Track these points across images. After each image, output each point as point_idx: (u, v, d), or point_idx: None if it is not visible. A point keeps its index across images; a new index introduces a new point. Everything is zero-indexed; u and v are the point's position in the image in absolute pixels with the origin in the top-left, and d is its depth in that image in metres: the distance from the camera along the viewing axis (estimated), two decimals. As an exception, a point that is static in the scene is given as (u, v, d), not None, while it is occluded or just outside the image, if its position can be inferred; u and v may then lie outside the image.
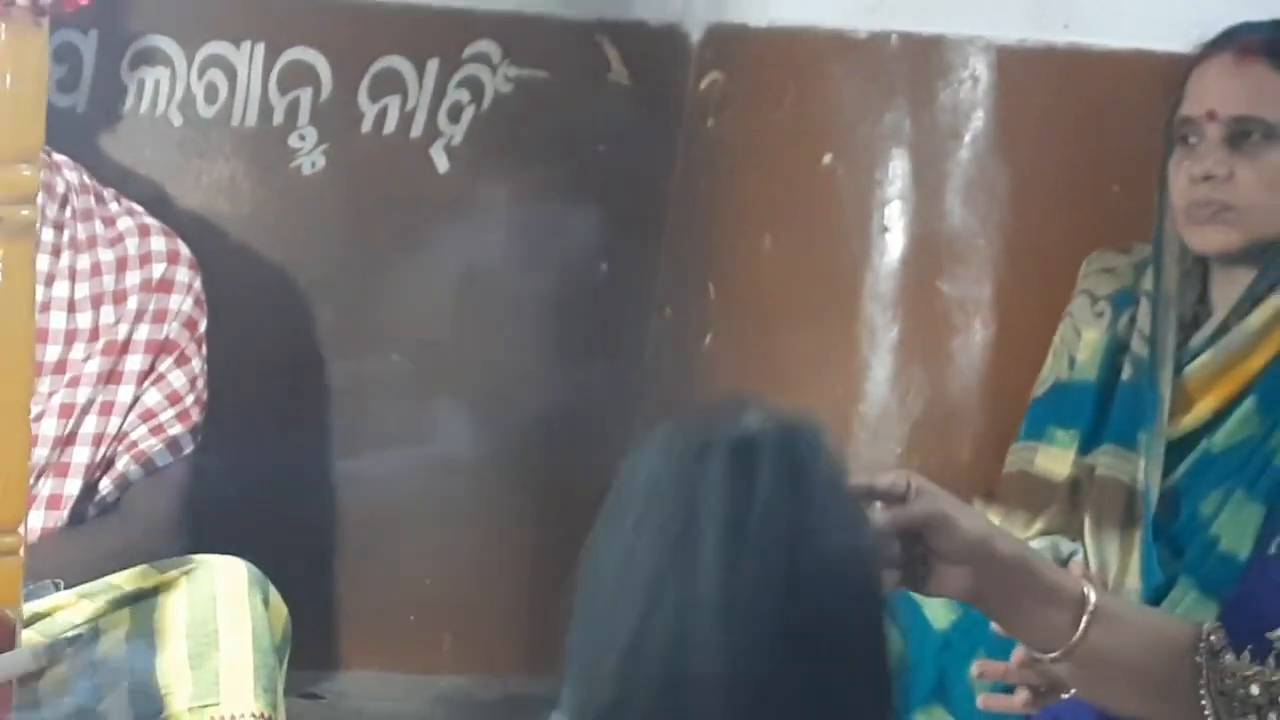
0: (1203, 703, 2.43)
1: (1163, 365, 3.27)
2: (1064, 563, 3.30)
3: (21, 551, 2.37)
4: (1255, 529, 3.17)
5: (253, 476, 3.82)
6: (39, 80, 2.31)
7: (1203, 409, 3.26)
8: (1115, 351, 3.38)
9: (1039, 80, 3.80)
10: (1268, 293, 3.22)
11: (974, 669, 3.13)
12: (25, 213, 2.31)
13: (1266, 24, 3.28)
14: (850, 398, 3.88)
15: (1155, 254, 3.33)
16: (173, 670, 3.04)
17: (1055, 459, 3.39)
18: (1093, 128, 3.62)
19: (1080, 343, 3.41)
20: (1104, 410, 3.37)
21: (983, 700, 3.12)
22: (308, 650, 3.56)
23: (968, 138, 3.84)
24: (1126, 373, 3.35)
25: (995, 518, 3.37)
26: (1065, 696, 2.75)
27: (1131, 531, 3.29)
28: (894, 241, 3.87)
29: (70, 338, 3.36)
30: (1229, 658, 2.44)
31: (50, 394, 3.33)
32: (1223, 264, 3.27)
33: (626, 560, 2.06)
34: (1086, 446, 3.37)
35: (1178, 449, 3.27)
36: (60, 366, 3.33)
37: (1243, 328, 3.24)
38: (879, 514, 2.32)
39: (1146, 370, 3.30)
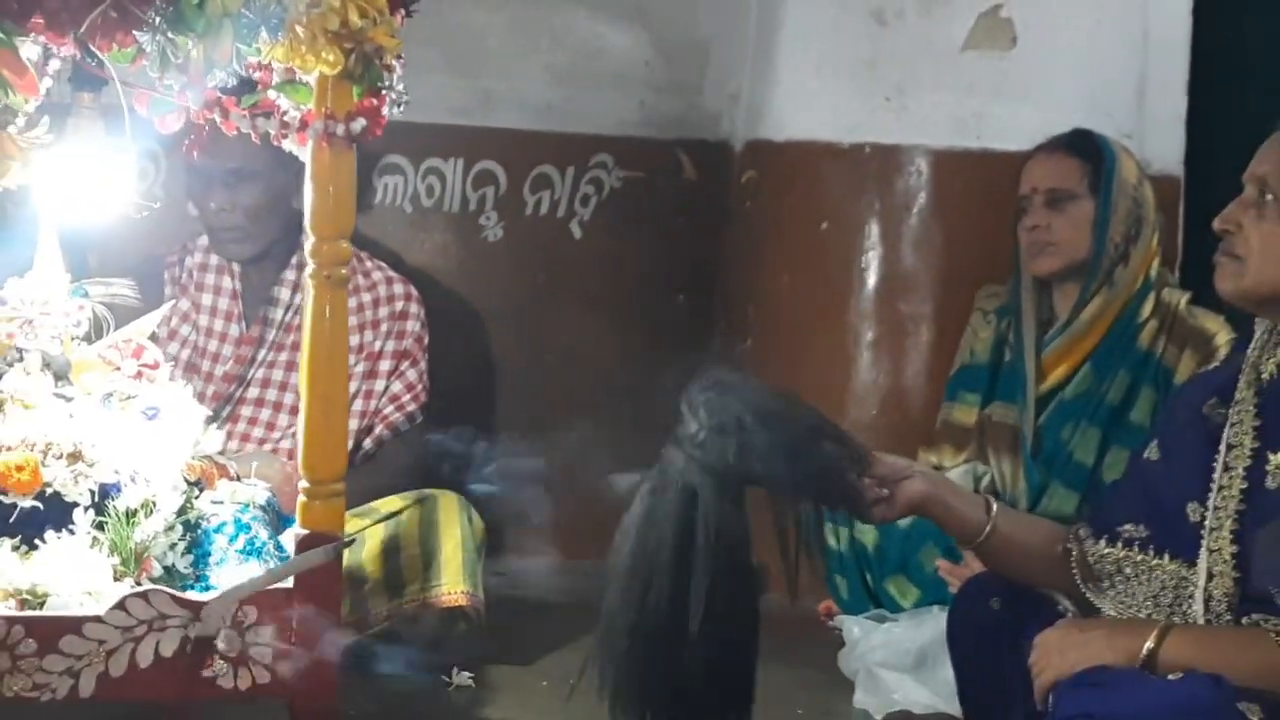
0: (1073, 571, 2.46)
1: (1027, 350, 3.30)
2: (979, 479, 3.30)
3: (344, 495, 2.36)
4: (1096, 444, 3.22)
5: (458, 439, 3.83)
6: (350, 185, 2.29)
7: (1057, 375, 3.28)
8: (1000, 344, 3.39)
9: (961, 172, 3.79)
10: (1090, 298, 3.24)
11: (939, 562, 3.17)
12: (343, 271, 2.30)
13: (1068, 131, 3.33)
14: (843, 379, 3.86)
15: (1014, 281, 3.36)
16: (411, 565, 3.06)
17: (965, 413, 3.40)
18: (995, 201, 3.59)
19: (977, 339, 3.43)
20: (994, 381, 3.39)
21: (940, 564, 3.16)
22: (496, 545, 3.60)
23: (915, 210, 3.83)
24: (1007, 356, 3.37)
25: (932, 457, 3.39)
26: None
27: (1017, 456, 3.31)
28: (870, 278, 3.86)
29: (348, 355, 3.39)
30: (1089, 543, 2.46)
31: None
32: (1058, 282, 3.30)
33: (629, 562, 2.16)
34: (984, 403, 3.38)
35: (1043, 401, 3.29)
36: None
37: (1078, 323, 3.25)
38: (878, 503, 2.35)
39: (1018, 355, 3.33)
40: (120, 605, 2.22)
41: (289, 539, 2.45)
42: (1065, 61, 3.70)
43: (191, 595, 2.30)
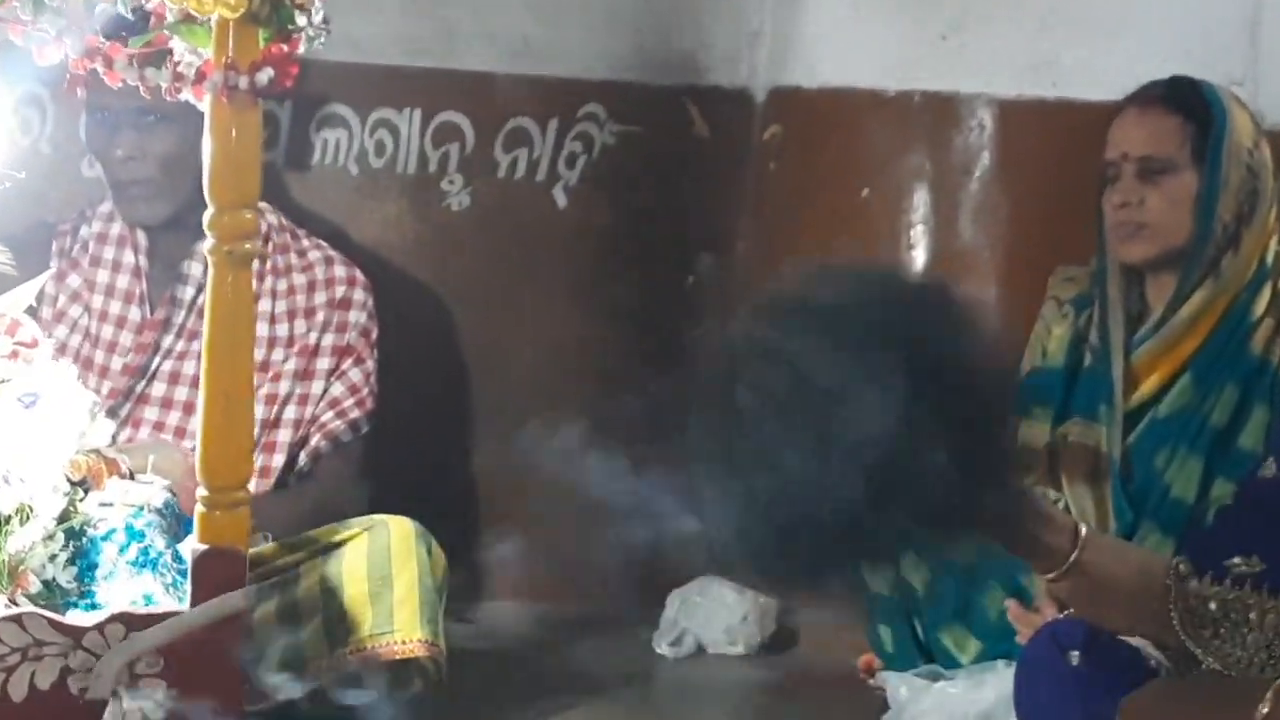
0: (1172, 616, 2.43)
1: (1114, 353, 3.28)
2: (1052, 506, 3.30)
3: (249, 503, 2.44)
4: (1198, 478, 3.18)
5: (414, 450, 3.82)
6: (255, 145, 2.36)
7: (1149, 385, 3.26)
8: (1078, 343, 3.37)
9: (1032, 127, 3.78)
10: (1191, 292, 3.21)
11: (1008, 605, 3.16)
12: (248, 246, 2.37)
13: (1166, 80, 3.29)
14: (886, 382, 3.87)
15: (1099, 267, 3.34)
16: (356, 606, 3.04)
17: (1034, 430, 3.37)
18: (1074, 164, 3.58)
19: (1050, 336, 3.42)
20: (1070, 390, 3.36)
21: (1009, 607, 3.15)
22: (461, 585, 3.59)
23: (976, 174, 3.83)
24: (1087, 360, 3.35)
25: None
26: (1063, 615, 2.75)
27: (1100, 485, 3.29)
28: (918, 256, 3.86)
29: (271, 343, 3.39)
30: (1193, 582, 2.44)
31: (258, 387, 3.35)
32: (1151, 271, 3.28)
33: None
34: (1058, 419, 3.36)
35: (1131, 418, 3.27)
36: (264, 366, 3.35)
37: (1176, 320, 3.23)
38: None
39: (1102, 357, 3.30)
40: (15, 619, 2.30)
41: (191, 549, 2.50)
42: (1160, -7, 3.72)
43: (73, 618, 2.36)
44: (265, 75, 2.29)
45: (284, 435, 3.34)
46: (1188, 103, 3.22)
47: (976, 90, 3.81)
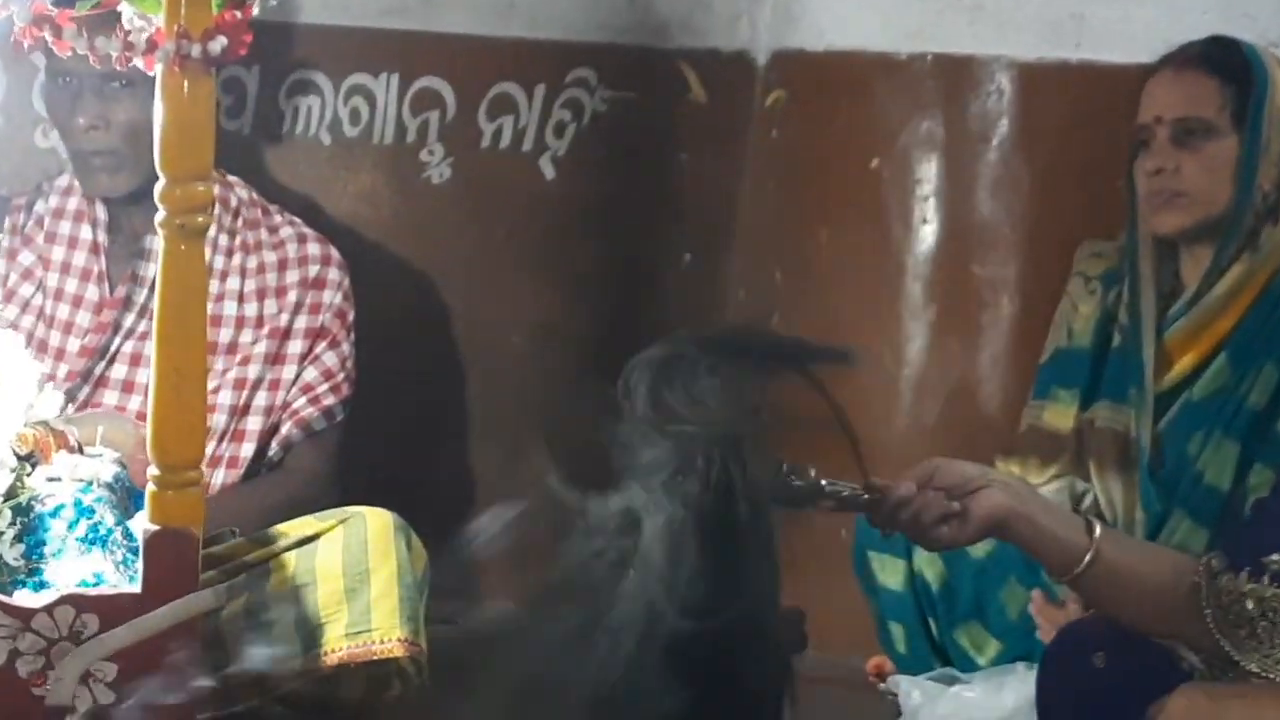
0: (1206, 613, 2.44)
1: (1145, 332, 3.30)
2: (1078, 501, 3.31)
3: (202, 483, 2.46)
4: (1234, 464, 3.20)
5: (393, 439, 3.84)
6: (208, 116, 2.37)
7: (1182, 366, 3.27)
8: (1106, 322, 3.39)
9: (1055, 92, 3.78)
10: (1228, 265, 3.22)
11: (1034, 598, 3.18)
12: (200, 219, 2.39)
13: (1203, 40, 3.28)
14: (896, 366, 3.88)
15: (1129, 240, 3.34)
16: (331, 603, 3.03)
17: (1059, 415, 3.40)
18: (1101, 131, 3.59)
19: (1076, 315, 3.43)
20: (1098, 372, 3.38)
21: (1035, 601, 3.18)
22: (444, 584, 3.59)
23: (994, 142, 3.83)
24: (1116, 339, 3.37)
25: (1014, 468, 3.39)
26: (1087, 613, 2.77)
27: (1130, 472, 3.31)
28: (932, 232, 3.87)
29: (240, 323, 3.40)
30: (1226, 578, 2.45)
31: (225, 371, 3.36)
32: (1186, 243, 3.29)
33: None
34: (1085, 403, 3.38)
35: (1163, 401, 3.28)
36: (232, 348, 3.37)
37: (1211, 296, 3.24)
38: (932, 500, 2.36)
39: (1132, 337, 3.31)
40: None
41: (140, 527, 2.52)
42: (1193, -55, 3.72)
43: (21, 599, 2.40)
44: (219, 44, 2.30)
45: (253, 423, 3.35)
46: (1227, 63, 3.22)
47: (995, 53, 3.82)
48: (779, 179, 4.04)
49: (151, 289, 3.35)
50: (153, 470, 2.43)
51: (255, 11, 2.34)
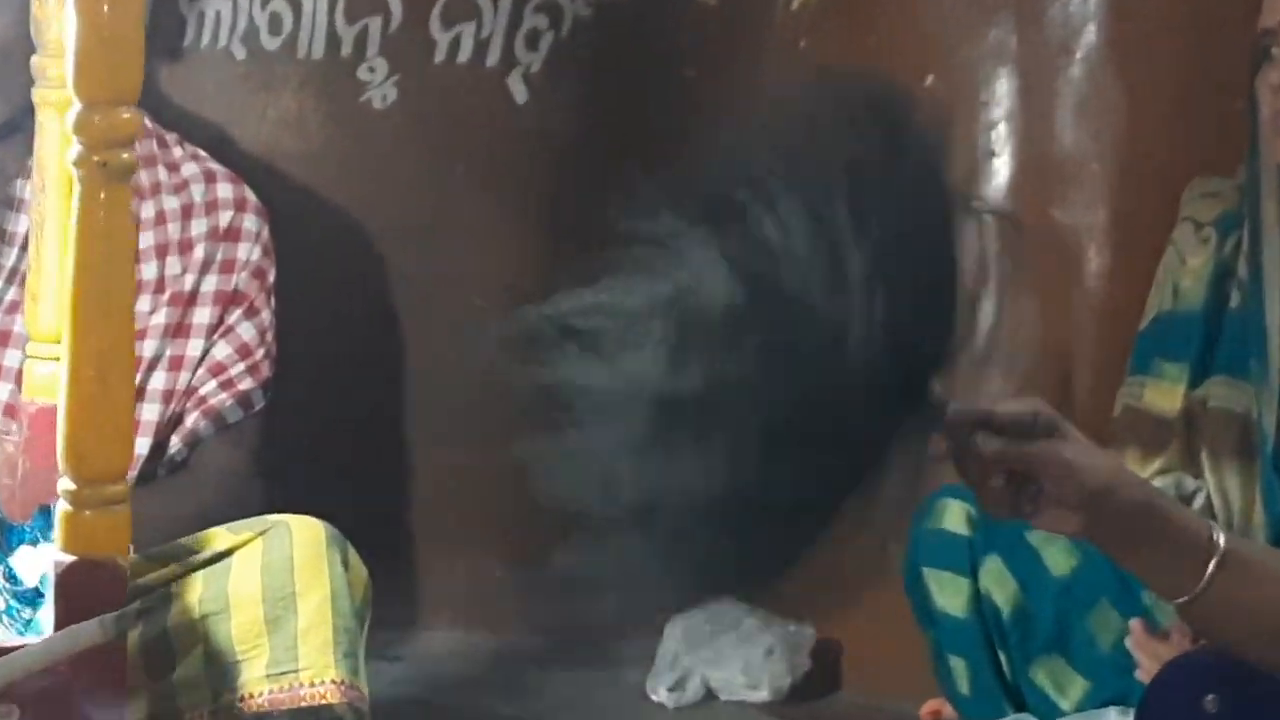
0: (1342, 651, 2.46)
1: (1270, 289, 3.31)
2: (1188, 501, 3.33)
3: (127, 502, 2.45)
4: None
5: (326, 431, 3.87)
6: (137, 21, 2.34)
7: None
8: (1222, 278, 3.42)
9: (1158, -10, 3.81)
10: None
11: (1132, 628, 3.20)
12: (125, 156, 2.35)
13: None
14: (957, 334, 3.89)
15: (1249, 175, 3.36)
16: (249, 636, 3.04)
17: (1164, 394, 3.43)
18: (1211, 40, 3.62)
19: (1184, 270, 3.46)
20: (1212, 340, 3.41)
21: (1134, 631, 3.21)
22: (387, 611, 3.60)
23: (1078, 53, 3.86)
24: (1235, 300, 3.39)
25: (1111, 458, 3.41)
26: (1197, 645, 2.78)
27: (1252, 465, 3.34)
28: (1001, 166, 3.90)
29: (136, 290, 3.39)
30: (1375, 604, 2.46)
31: None
32: None
33: None
34: (1196, 379, 3.41)
35: None
36: None
37: None
38: (988, 443, 2.36)
39: (1253, 296, 3.34)
40: None
41: (26, 564, 2.57)
42: None
43: None
44: None
45: (149, 412, 3.35)
46: None
47: None
48: (807, 105, 4.03)
49: (23, 248, 3.38)
50: (65, 484, 2.40)
51: None
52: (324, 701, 3.01)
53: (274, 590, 3.05)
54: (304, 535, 3.11)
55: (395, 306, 4.07)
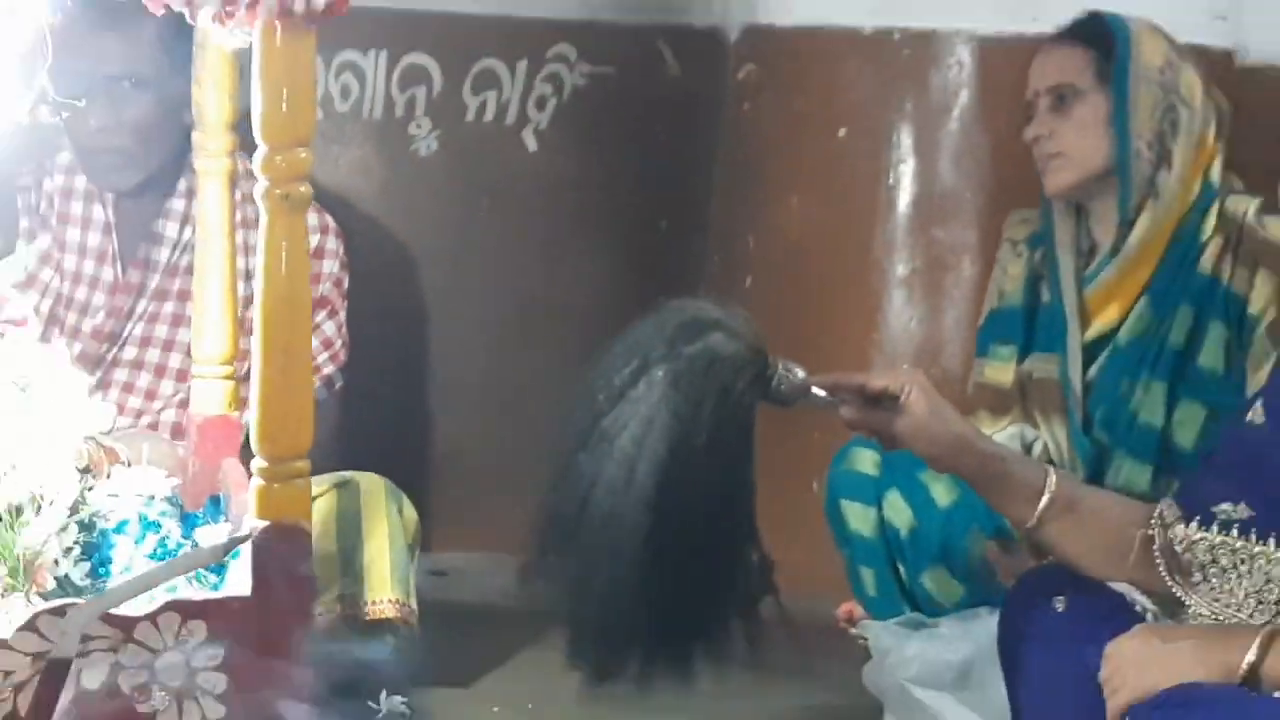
0: (1157, 561, 2.48)
1: (1066, 288, 3.33)
2: (1029, 448, 3.33)
3: (309, 476, 2.33)
4: (1163, 401, 3.24)
5: (382, 403, 3.84)
6: (310, 77, 2.22)
7: (1108, 316, 3.31)
8: (1034, 282, 3.41)
9: (1012, 64, 3.68)
10: (1134, 216, 3.25)
11: (990, 548, 3.21)
12: (303, 189, 2.25)
13: (1077, 18, 3.35)
14: (867, 326, 3.89)
15: (1043, 204, 3.38)
16: (326, 569, 3.01)
17: (999, 370, 3.43)
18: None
19: (1006, 278, 3.45)
20: (1030, 328, 3.41)
21: (991, 550, 3.23)
22: (433, 539, 3.61)
23: (955, 113, 3.85)
24: (1044, 297, 3.39)
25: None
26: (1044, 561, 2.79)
27: (1066, 417, 3.34)
28: (898, 198, 3.88)
29: (247, 301, 3.34)
30: (1178, 527, 2.48)
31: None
32: (1090, 202, 3.33)
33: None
34: (1022, 357, 3.41)
35: (1094, 350, 3.31)
36: (246, 328, 3.31)
37: (1127, 247, 3.27)
38: (847, 411, 2.43)
39: (1054, 292, 3.35)
40: (30, 626, 2.14)
41: (206, 539, 2.44)
42: (1143, -78, 3.71)
43: (124, 609, 2.24)
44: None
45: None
46: (1092, 34, 3.30)
47: (955, 27, 3.84)
48: (751, 149, 4.03)
49: (164, 273, 3.34)
50: (259, 463, 2.29)
51: None
52: (383, 616, 3.04)
53: (345, 533, 3.06)
54: (368, 488, 3.12)
55: (432, 306, 4.03)
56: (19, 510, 2.39)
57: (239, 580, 2.32)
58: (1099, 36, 3.28)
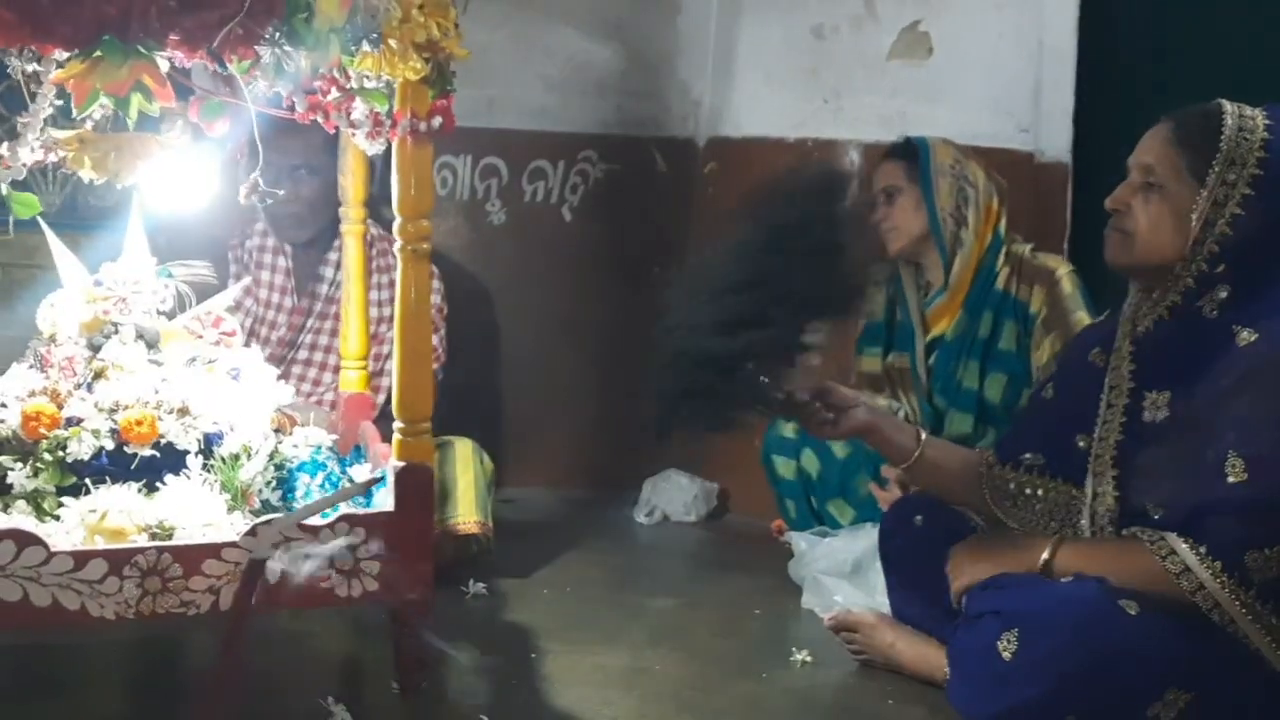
0: (984, 491, 2.54)
1: (912, 308, 3.33)
2: (896, 412, 3.33)
3: (430, 433, 2.32)
4: (977, 374, 3.23)
5: (468, 388, 3.78)
6: (429, 171, 2.26)
7: (941, 325, 3.30)
8: (891, 304, 3.40)
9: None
10: (951, 261, 3.24)
11: (871, 486, 3.19)
12: (425, 245, 2.28)
13: (896, 141, 3.35)
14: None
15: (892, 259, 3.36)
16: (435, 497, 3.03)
17: (870, 363, 3.42)
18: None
19: (876, 302, 3.43)
20: (890, 334, 3.40)
21: (872, 488, 3.18)
22: (504, 477, 3.60)
23: (848, 195, 3.80)
24: (899, 315, 3.39)
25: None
26: (914, 489, 2.80)
27: (915, 395, 3.32)
28: (811, 252, 3.86)
29: (380, 320, 3.33)
30: (998, 469, 2.53)
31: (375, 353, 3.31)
32: (918, 256, 3.31)
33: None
34: (885, 354, 3.40)
35: (931, 346, 3.30)
36: (376, 337, 3.29)
37: (950, 284, 3.26)
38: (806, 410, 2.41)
39: (904, 312, 3.35)
40: (252, 533, 2.20)
41: (360, 476, 2.45)
42: (973, 68, 3.69)
43: (309, 522, 2.27)
44: (437, 121, 2.21)
45: (388, 381, 3.32)
46: (907, 150, 3.31)
47: (849, 137, 3.81)
48: (713, 218, 4.01)
49: (325, 300, 3.33)
50: (397, 424, 2.29)
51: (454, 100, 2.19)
52: (471, 532, 3.03)
53: (445, 475, 3.05)
54: (461, 446, 3.13)
55: (502, 324, 3.99)
56: (236, 457, 2.42)
57: (383, 502, 2.33)
58: (909, 152, 3.29)
